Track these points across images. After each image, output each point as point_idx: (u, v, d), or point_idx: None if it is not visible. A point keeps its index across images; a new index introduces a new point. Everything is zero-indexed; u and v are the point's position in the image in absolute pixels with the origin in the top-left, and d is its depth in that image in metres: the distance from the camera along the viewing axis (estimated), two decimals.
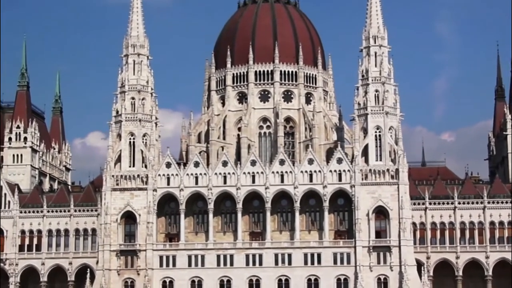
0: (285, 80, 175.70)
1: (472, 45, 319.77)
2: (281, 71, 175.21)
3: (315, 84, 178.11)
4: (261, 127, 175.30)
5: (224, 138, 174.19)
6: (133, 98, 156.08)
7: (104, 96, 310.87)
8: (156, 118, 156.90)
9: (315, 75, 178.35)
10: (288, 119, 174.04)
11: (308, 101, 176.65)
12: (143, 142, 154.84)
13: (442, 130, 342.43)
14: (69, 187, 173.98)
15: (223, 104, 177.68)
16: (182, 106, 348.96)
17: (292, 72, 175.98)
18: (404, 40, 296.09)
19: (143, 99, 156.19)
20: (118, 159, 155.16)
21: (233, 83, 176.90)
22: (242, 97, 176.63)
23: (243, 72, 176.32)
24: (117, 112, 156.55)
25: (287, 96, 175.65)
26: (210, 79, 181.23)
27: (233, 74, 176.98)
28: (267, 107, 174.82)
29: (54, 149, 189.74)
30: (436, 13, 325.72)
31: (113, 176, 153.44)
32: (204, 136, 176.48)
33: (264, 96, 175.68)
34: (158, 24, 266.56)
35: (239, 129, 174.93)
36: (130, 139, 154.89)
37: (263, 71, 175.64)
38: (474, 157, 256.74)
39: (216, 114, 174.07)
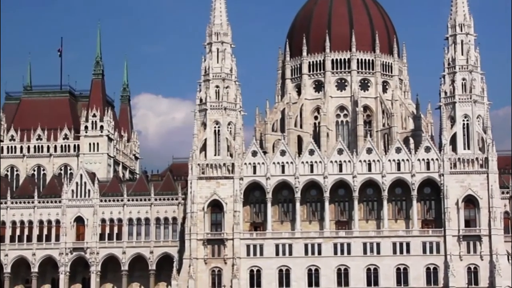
0: (362, 69, 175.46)
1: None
2: (358, 59, 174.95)
3: (391, 72, 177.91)
4: (338, 116, 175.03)
5: (301, 127, 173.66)
6: (217, 87, 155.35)
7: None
8: (240, 107, 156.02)
9: (391, 63, 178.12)
10: (365, 108, 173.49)
11: (384, 90, 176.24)
12: (228, 130, 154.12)
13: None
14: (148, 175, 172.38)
15: (299, 92, 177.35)
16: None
17: (369, 60, 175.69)
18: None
19: (227, 87, 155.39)
20: (203, 148, 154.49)
21: (309, 71, 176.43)
22: (319, 86, 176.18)
23: (320, 61, 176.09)
24: (201, 100, 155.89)
25: (364, 85, 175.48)
26: (284, 68, 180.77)
27: (309, 62, 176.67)
28: (344, 96, 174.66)
29: (124, 137, 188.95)
30: None
31: (198, 164, 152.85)
32: (279, 125, 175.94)
33: (341, 85, 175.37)
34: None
35: (316, 117, 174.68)
36: (215, 127, 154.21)
37: (340, 59, 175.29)
38: None
39: (293, 103, 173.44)
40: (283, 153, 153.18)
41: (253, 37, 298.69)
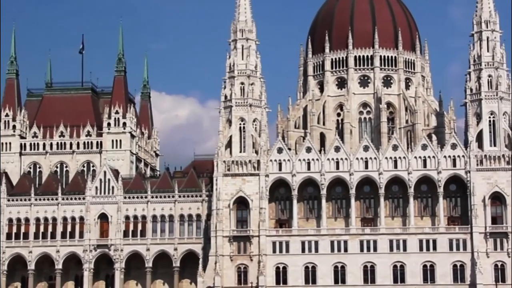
0: (384, 65, 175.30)
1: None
2: (381, 56, 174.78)
3: (414, 69, 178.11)
4: (361, 113, 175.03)
5: (323, 124, 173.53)
6: (242, 83, 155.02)
7: None
8: (265, 104, 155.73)
9: (414, 60, 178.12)
10: (388, 105, 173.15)
11: (406, 87, 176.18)
12: (253, 127, 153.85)
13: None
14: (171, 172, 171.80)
15: (321, 89, 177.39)
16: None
17: (391, 57, 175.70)
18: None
19: (252, 84, 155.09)
20: (228, 145, 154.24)
21: (332, 68, 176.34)
22: (341, 82, 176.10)
23: (342, 57, 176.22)
24: (226, 97, 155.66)
25: (387, 82, 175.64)
26: (306, 64, 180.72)
27: (332, 59, 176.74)
28: (367, 93, 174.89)
29: (144, 134, 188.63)
30: None
31: (224, 161, 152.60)
32: (301, 122, 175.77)
33: (364, 82, 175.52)
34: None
35: (338, 114, 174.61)
36: (240, 124, 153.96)
37: (363, 56, 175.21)
38: None
39: (316, 100, 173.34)
40: (308, 150, 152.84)
41: (272, 34, 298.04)
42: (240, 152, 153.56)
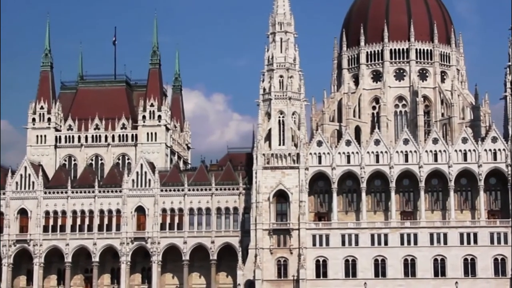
0: (420, 59, 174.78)
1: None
2: (416, 49, 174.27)
3: (449, 62, 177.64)
4: (396, 106, 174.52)
5: (359, 117, 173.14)
6: (281, 76, 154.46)
7: None
8: (304, 96, 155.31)
9: (449, 53, 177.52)
10: (423, 98, 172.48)
11: (442, 80, 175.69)
12: (292, 120, 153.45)
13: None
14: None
15: (356, 82, 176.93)
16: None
17: (427, 50, 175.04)
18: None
19: (291, 77, 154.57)
20: (267, 138, 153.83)
21: (367, 61, 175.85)
22: (377, 76, 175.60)
23: (378, 50, 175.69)
24: (264, 90, 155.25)
25: (422, 75, 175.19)
26: (340, 57, 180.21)
27: (367, 52, 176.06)
28: (403, 86, 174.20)
29: (176, 127, 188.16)
30: None
31: (263, 154, 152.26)
32: (336, 115, 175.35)
33: (399, 75, 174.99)
34: None
35: (373, 107, 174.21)
36: (279, 117, 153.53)
37: (398, 49, 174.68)
38: None
39: (352, 92, 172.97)
40: (348, 143, 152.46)
41: (305, 27, 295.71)
42: (280, 145, 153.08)
